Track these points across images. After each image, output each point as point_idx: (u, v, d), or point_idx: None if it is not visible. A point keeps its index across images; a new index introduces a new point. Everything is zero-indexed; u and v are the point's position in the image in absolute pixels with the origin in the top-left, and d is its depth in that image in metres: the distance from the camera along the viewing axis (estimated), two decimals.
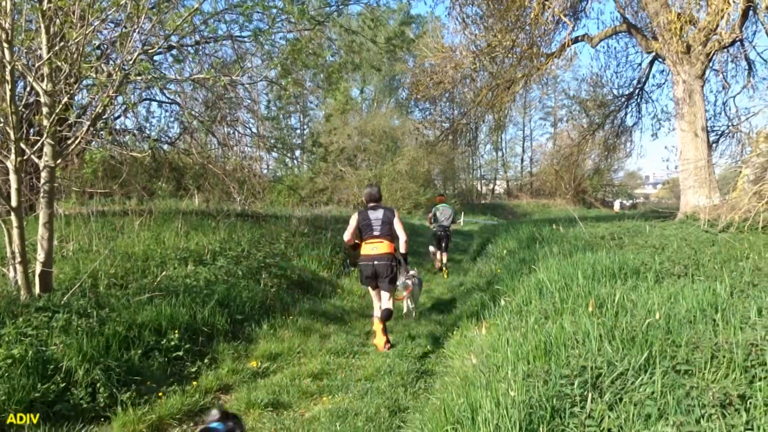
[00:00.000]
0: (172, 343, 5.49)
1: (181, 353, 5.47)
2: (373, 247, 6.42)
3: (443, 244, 12.53)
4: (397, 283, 7.12)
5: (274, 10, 9.85)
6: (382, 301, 6.53)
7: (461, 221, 25.00)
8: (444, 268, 12.37)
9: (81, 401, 4.27)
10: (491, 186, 54.68)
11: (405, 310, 8.24)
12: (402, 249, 6.62)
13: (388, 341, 6.27)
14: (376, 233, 6.45)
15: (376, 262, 6.37)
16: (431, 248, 13.32)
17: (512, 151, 55.85)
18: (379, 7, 13.09)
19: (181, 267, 7.67)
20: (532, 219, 22.05)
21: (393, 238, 6.51)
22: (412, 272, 8.15)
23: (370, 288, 6.68)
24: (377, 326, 6.31)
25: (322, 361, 5.79)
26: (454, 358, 5.57)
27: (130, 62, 5.94)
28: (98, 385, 4.46)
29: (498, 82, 16.59)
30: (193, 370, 5.37)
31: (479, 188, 52.01)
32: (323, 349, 6.25)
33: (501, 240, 12.78)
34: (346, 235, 6.54)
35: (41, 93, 5.49)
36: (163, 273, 7.06)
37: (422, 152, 28.69)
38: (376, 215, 6.51)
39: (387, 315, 6.38)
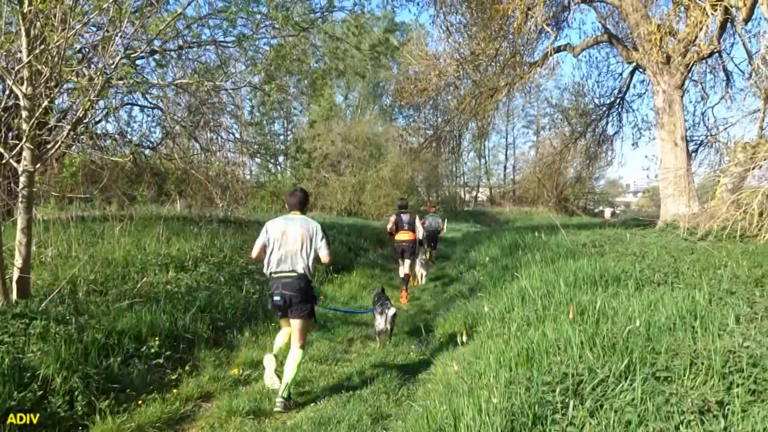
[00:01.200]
0: (153, 350, 5.42)
1: (161, 360, 5.41)
2: (405, 236, 10.45)
3: (433, 244, 15.35)
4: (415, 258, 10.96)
5: (259, 16, 9.83)
6: (404, 268, 10.45)
7: (445, 227, 25.10)
8: (432, 260, 15.29)
9: (58, 410, 4.19)
10: (474, 193, 54.94)
11: (417, 283, 11.75)
12: (419, 236, 10.73)
13: (406, 296, 9.93)
14: (405, 227, 10.49)
15: (405, 245, 10.38)
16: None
17: (495, 159, 56.16)
18: (364, 15, 13.10)
19: (162, 273, 7.57)
20: (515, 226, 22.16)
21: (414, 230, 10.51)
22: (423, 256, 11.84)
23: (400, 260, 10.55)
24: (401, 285, 10.30)
25: (304, 369, 5.76)
26: (436, 365, 5.59)
27: (112, 66, 5.88)
28: (76, 393, 4.38)
29: (481, 90, 16.72)
30: (174, 377, 5.31)
31: (462, 195, 52.17)
32: (306, 356, 6.20)
33: (484, 247, 12.93)
34: (389, 227, 10.65)
35: (21, 96, 5.40)
36: (144, 279, 6.97)
37: (406, 159, 28.62)
38: (406, 217, 10.57)
39: (406, 277, 10.42)
